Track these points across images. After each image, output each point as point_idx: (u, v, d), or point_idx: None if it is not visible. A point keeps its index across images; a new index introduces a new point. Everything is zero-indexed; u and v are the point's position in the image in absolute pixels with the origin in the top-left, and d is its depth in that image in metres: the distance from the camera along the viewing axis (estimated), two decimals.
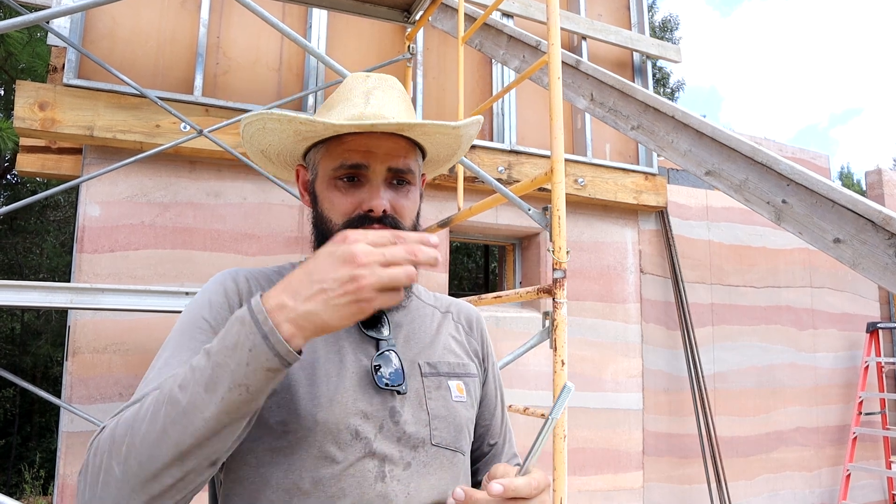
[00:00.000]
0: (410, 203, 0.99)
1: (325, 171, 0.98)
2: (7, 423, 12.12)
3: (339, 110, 0.98)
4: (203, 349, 0.75)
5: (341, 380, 0.91)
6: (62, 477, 2.85)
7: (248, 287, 0.96)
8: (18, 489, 9.60)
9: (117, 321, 3.00)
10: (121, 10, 3.27)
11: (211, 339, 0.84)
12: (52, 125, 2.93)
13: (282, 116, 0.94)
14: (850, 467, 4.81)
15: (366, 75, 1.03)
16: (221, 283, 0.96)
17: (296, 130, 0.97)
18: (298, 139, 0.99)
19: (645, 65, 4.67)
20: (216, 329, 0.88)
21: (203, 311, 0.91)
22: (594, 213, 4.29)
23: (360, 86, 1.01)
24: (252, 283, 0.97)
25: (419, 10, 3.36)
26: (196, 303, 0.93)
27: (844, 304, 5.27)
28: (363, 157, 0.95)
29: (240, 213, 3.33)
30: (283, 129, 0.97)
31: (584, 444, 3.98)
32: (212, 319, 0.90)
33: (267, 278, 0.99)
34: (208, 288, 0.95)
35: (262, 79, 3.54)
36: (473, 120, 1.02)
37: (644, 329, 4.31)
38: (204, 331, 0.89)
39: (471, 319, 1.15)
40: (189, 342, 0.88)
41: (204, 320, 0.90)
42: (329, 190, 0.97)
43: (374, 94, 0.99)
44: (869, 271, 1.98)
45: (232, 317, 0.75)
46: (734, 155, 2.43)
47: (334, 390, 0.90)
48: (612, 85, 2.86)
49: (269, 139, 1.02)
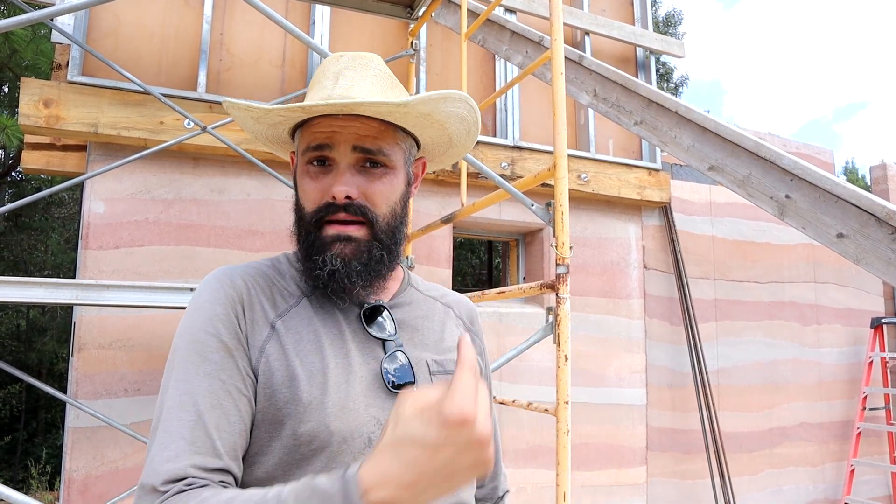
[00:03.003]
0: (385, 188, 0.93)
1: (300, 157, 0.95)
2: (13, 419, 12.19)
3: (314, 93, 0.95)
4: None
5: (351, 386, 0.87)
6: (68, 472, 2.87)
7: (246, 289, 0.90)
8: (25, 484, 9.66)
9: (122, 317, 3.01)
10: (124, 7, 3.27)
11: (226, 359, 0.82)
12: (56, 122, 2.94)
13: (237, 105, 0.93)
14: (854, 462, 4.80)
15: (339, 55, 0.99)
16: (220, 290, 0.89)
17: (257, 118, 0.96)
18: (270, 126, 0.98)
19: (648, 60, 4.66)
20: (229, 345, 0.84)
21: (208, 326, 0.85)
22: (597, 209, 4.29)
23: (333, 66, 0.97)
24: (250, 284, 0.91)
25: (422, 6, 3.36)
26: (199, 316, 0.86)
27: (848, 299, 5.26)
28: (327, 137, 0.91)
29: (243, 209, 3.34)
30: (252, 117, 0.96)
31: (587, 439, 3.99)
32: (223, 335, 0.85)
33: (263, 275, 0.94)
34: (207, 297, 0.88)
35: (265, 75, 3.54)
36: (432, 95, 0.91)
37: (647, 325, 4.31)
38: (216, 349, 0.83)
39: (472, 315, 1.14)
40: (202, 364, 0.82)
41: (212, 337, 0.84)
42: (302, 176, 0.94)
43: (345, 75, 0.95)
44: (872, 266, 1.98)
45: (310, 486, 0.65)
46: (737, 150, 2.43)
47: (345, 397, 0.86)
48: (616, 80, 2.85)
49: (256, 127, 1.00)
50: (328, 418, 0.83)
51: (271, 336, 0.87)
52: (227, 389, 0.81)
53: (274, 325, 0.88)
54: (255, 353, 0.85)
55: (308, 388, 0.84)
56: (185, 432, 0.76)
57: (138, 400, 2.99)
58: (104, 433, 2.91)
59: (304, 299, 0.93)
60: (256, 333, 0.86)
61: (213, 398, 0.80)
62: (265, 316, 0.88)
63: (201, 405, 0.79)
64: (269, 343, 0.86)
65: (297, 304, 0.92)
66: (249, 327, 0.86)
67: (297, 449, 0.82)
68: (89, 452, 2.90)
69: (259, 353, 0.85)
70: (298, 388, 0.84)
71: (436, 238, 3.73)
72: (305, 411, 0.83)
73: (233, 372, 0.82)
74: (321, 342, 0.88)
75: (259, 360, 0.85)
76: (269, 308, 0.89)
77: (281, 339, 0.87)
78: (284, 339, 0.87)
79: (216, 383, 0.81)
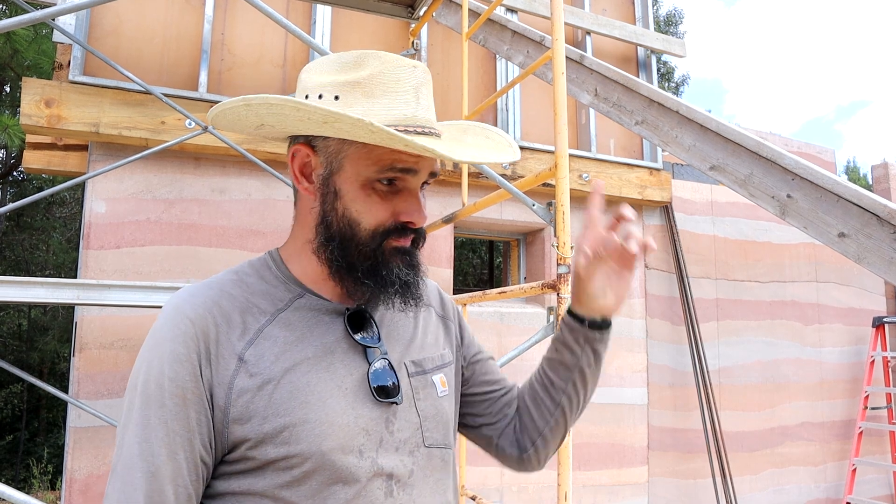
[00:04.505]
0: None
1: (360, 170, 0.86)
2: (15, 419, 12.21)
3: (385, 104, 0.84)
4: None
5: (337, 400, 0.84)
6: (70, 472, 2.87)
7: (212, 321, 0.83)
8: (27, 484, 9.68)
9: (124, 317, 3.01)
10: (126, 7, 3.28)
11: (180, 407, 0.79)
12: (57, 122, 2.95)
13: (313, 109, 0.79)
14: (856, 462, 4.80)
15: (412, 64, 0.87)
16: (181, 325, 0.82)
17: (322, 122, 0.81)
18: (320, 127, 0.83)
19: (649, 59, 4.65)
20: (187, 390, 0.79)
21: (167, 368, 0.80)
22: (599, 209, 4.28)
23: (409, 78, 0.86)
24: (215, 314, 0.84)
25: (423, 6, 3.36)
26: (158, 354, 0.81)
27: (850, 298, 5.25)
28: (415, 163, 0.86)
29: (245, 209, 3.34)
30: (296, 117, 0.83)
31: (588, 438, 3.99)
32: (182, 379, 0.80)
33: (228, 297, 0.87)
34: (168, 333, 0.82)
35: (266, 75, 3.54)
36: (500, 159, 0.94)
37: (649, 324, 4.31)
38: (173, 395, 0.79)
39: (441, 300, 1.11)
40: (159, 410, 0.79)
41: (171, 381, 0.79)
42: (364, 191, 0.86)
43: (423, 92, 0.87)
44: (874, 265, 1.98)
45: None
46: (739, 150, 2.43)
47: (333, 412, 0.83)
48: (616, 80, 2.85)
49: (270, 121, 0.87)
50: (319, 437, 0.81)
51: (239, 369, 0.82)
52: (185, 438, 0.79)
53: (242, 356, 0.83)
54: (223, 390, 0.81)
55: (291, 408, 0.81)
56: (142, 485, 0.77)
57: None
58: (106, 433, 2.92)
59: (279, 315, 0.88)
60: (222, 370, 0.82)
61: (168, 449, 0.78)
62: (232, 348, 0.83)
63: (158, 457, 0.78)
64: (237, 377, 0.81)
65: (272, 321, 0.86)
66: (214, 364, 0.82)
67: (288, 471, 0.80)
68: (91, 452, 2.90)
69: (227, 389, 0.81)
70: (284, 408, 0.81)
71: (437, 238, 3.73)
72: (293, 433, 0.80)
73: (188, 421, 0.79)
74: (301, 357, 0.85)
75: (229, 396, 0.81)
76: (235, 338, 0.83)
77: (250, 369, 0.82)
78: (257, 367, 0.82)
79: (172, 432, 0.79)
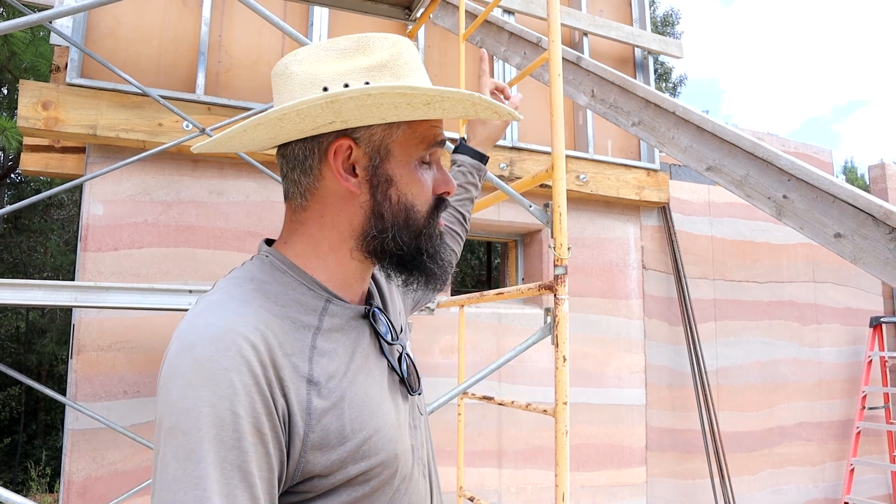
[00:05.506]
0: None
1: (410, 150, 0.83)
2: (13, 421, 12.19)
3: (413, 83, 0.82)
4: None
5: (386, 402, 0.82)
6: (68, 474, 2.87)
7: (272, 343, 0.73)
8: (25, 486, 9.66)
9: (121, 319, 3.01)
10: (123, 10, 3.28)
11: (265, 450, 0.67)
12: (55, 124, 2.95)
13: (423, 91, 0.74)
14: (854, 462, 4.81)
15: (407, 41, 0.86)
16: (240, 357, 0.68)
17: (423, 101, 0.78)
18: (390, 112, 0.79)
19: (647, 60, 4.66)
20: (264, 431, 0.68)
21: (239, 406, 0.66)
22: (596, 210, 4.29)
23: (414, 54, 0.86)
24: (268, 337, 0.73)
25: (420, 8, 3.36)
26: (218, 396, 0.65)
27: (848, 298, 5.26)
28: (442, 133, 0.86)
29: (242, 211, 3.35)
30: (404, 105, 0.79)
31: (586, 439, 3.99)
32: (258, 418, 0.67)
33: (267, 311, 0.76)
34: (225, 363, 0.67)
35: (263, 77, 3.54)
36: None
37: (647, 325, 4.31)
38: (252, 436, 0.66)
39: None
40: (238, 459, 0.65)
41: (248, 422, 0.66)
42: (416, 172, 0.84)
43: (420, 69, 0.89)
44: (870, 266, 1.98)
45: None
46: (735, 150, 2.43)
47: (389, 415, 0.81)
48: (613, 81, 2.86)
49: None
50: (391, 443, 0.79)
51: (311, 392, 0.74)
52: (265, 481, 0.68)
53: (311, 378, 0.75)
54: (301, 417, 0.72)
55: (364, 425, 0.77)
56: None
57: (138, 402, 2.99)
58: (104, 435, 2.91)
59: (322, 326, 0.80)
60: (293, 395, 0.72)
61: (251, 496, 0.66)
62: (295, 369, 0.74)
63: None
64: (311, 400, 0.74)
65: (318, 334, 0.79)
66: (287, 391, 0.72)
67: (365, 484, 0.76)
68: (89, 454, 2.90)
69: (306, 414, 0.73)
70: (357, 430, 0.76)
71: None
72: (373, 447, 0.77)
73: (269, 460, 0.69)
74: (353, 367, 0.80)
75: (309, 422, 0.73)
76: (296, 359, 0.75)
77: (321, 390, 0.75)
78: (326, 388, 0.76)
79: (254, 481, 0.66)
